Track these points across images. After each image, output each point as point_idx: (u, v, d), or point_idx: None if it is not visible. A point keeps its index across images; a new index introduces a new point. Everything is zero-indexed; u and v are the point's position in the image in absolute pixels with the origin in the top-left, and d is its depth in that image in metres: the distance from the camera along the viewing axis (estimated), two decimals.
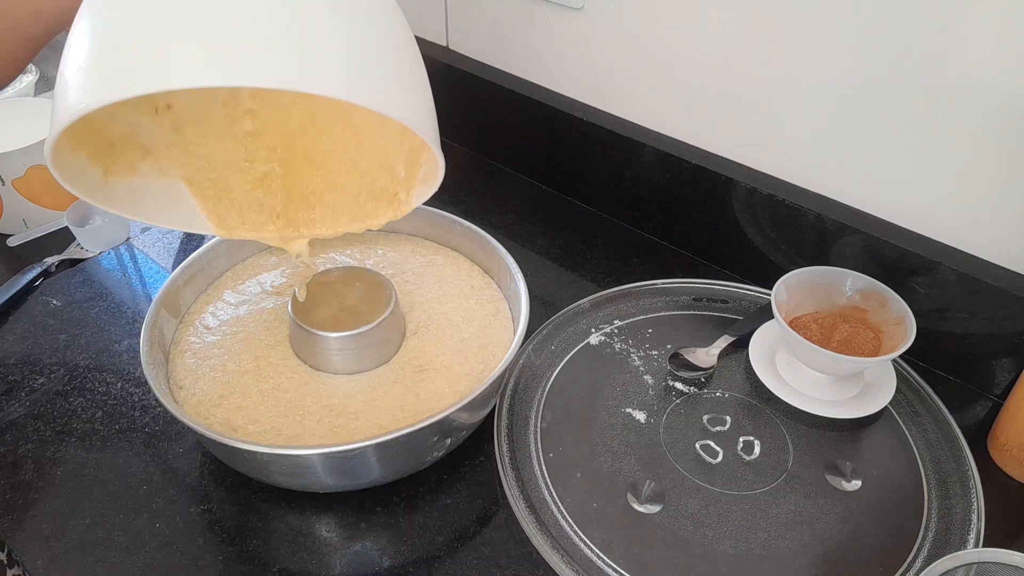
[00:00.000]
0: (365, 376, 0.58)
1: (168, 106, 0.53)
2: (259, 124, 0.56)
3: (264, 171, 0.57)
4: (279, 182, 0.58)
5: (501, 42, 0.86)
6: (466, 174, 0.91)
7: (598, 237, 0.81)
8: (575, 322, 0.67)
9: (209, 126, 0.55)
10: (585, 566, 0.49)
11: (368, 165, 0.59)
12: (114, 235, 0.79)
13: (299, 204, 0.59)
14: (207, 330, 0.61)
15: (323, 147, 0.57)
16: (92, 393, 0.63)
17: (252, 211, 0.58)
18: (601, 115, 0.80)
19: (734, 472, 0.56)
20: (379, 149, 0.58)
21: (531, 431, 0.58)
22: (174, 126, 0.54)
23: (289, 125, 0.56)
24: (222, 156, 0.56)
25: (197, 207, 0.56)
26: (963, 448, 0.57)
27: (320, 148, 0.57)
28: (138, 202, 0.54)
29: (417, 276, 0.67)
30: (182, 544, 0.52)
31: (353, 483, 0.54)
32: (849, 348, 0.60)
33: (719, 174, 0.71)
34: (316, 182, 0.58)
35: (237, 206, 0.58)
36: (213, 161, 0.56)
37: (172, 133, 0.54)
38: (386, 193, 0.61)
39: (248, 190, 0.57)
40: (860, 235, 0.64)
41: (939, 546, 0.51)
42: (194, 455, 0.58)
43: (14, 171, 0.77)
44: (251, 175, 0.57)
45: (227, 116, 0.55)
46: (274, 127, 0.56)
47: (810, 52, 0.63)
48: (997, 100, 0.55)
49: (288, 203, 0.58)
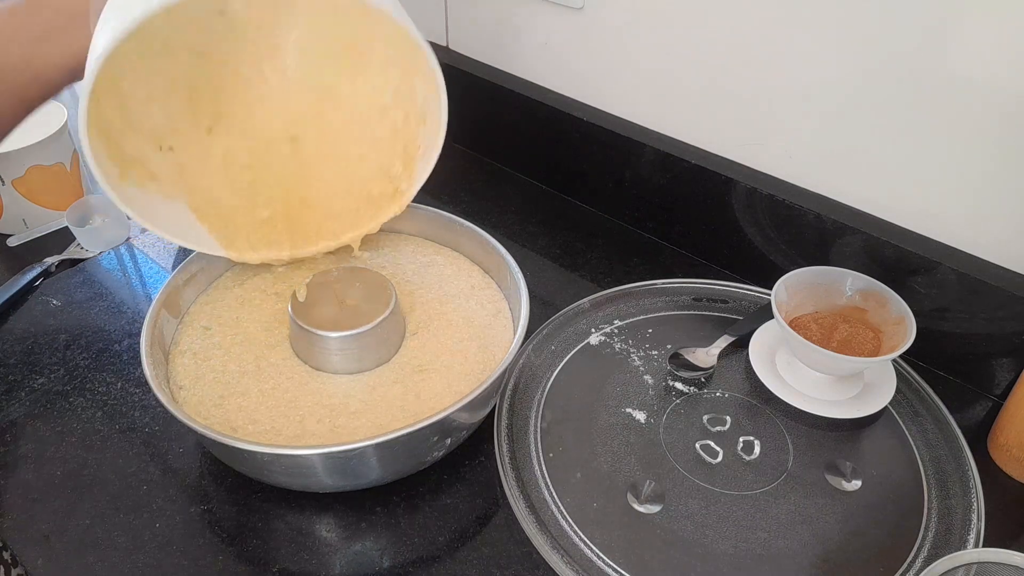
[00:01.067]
0: (365, 376, 0.58)
1: (171, 148, 0.56)
2: (253, 160, 0.58)
3: (267, 216, 0.60)
4: (283, 224, 0.61)
5: (501, 42, 0.86)
6: (466, 174, 0.91)
7: (598, 237, 0.81)
8: (575, 322, 0.67)
9: (208, 168, 0.58)
10: (585, 566, 0.49)
11: (363, 180, 0.60)
12: (114, 235, 0.79)
13: (304, 237, 0.62)
14: (207, 330, 0.61)
15: (318, 191, 0.61)
16: (92, 393, 0.63)
17: (261, 243, 0.61)
18: (601, 115, 0.80)
19: (734, 472, 0.56)
20: (372, 163, 0.60)
21: (531, 431, 0.58)
22: (177, 168, 0.55)
23: (281, 163, 0.60)
24: (226, 201, 0.59)
25: (206, 231, 0.59)
26: (963, 448, 0.57)
27: (316, 192, 0.61)
28: (150, 212, 0.55)
29: (417, 276, 0.67)
30: (182, 544, 0.52)
31: (353, 483, 0.54)
32: (849, 348, 0.60)
33: (719, 174, 0.71)
34: (317, 219, 0.62)
35: (244, 234, 0.60)
36: (217, 201, 0.59)
37: (176, 172, 0.56)
38: (385, 194, 0.62)
39: (253, 229, 0.60)
40: (860, 235, 0.64)
41: (939, 546, 0.51)
42: (194, 455, 0.58)
43: (14, 171, 0.77)
44: (255, 218, 0.60)
45: (224, 159, 0.58)
46: (265, 165, 0.59)
47: (810, 52, 0.63)
48: (997, 100, 0.55)
49: (294, 237, 0.62)
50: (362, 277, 0.61)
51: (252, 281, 0.66)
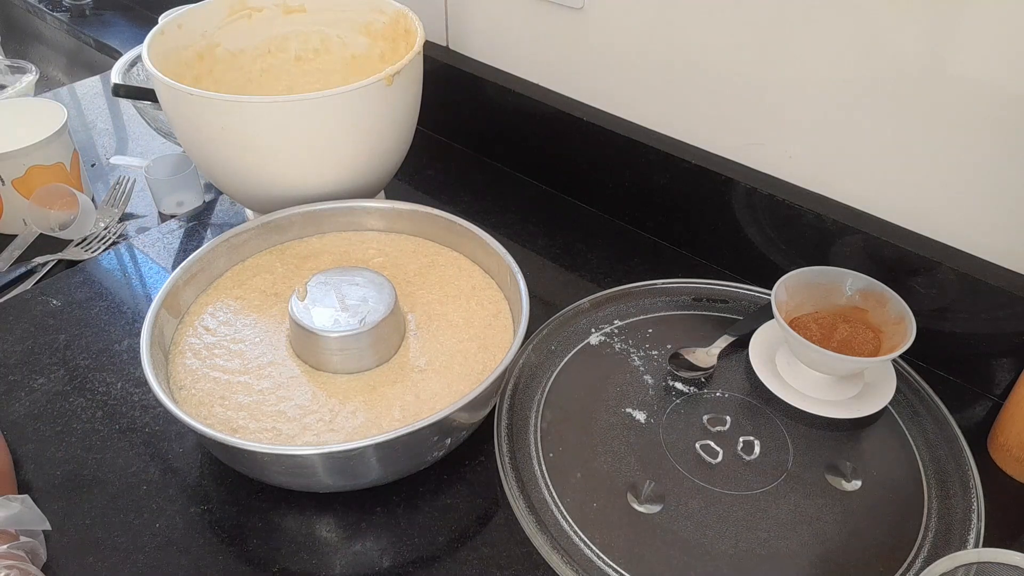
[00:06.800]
0: (365, 376, 0.58)
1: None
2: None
3: None
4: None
5: (501, 42, 0.86)
6: (466, 174, 0.91)
7: (598, 237, 0.81)
8: (575, 322, 0.67)
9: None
10: (585, 566, 0.49)
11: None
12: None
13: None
14: (207, 330, 0.61)
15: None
16: (92, 393, 0.63)
17: None
18: (601, 115, 0.80)
19: (734, 472, 0.56)
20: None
21: (531, 431, 0.58)
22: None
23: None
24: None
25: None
26: (963, 448, 0.57)
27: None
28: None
29: (417, 276, 0.67)
30: (182, 544, 0.52)
31: (353, 483, 0.54)
32: (849, 348, 0.60)
33: (719, 174, 0.71)
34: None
35: None
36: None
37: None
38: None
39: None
40: (860, 235, 0.64)
41: (939, 546, 0.51)
42: (194, 455, 0.58)
43: (14, 171, 0.77)
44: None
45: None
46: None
47: (810, 52, 0.63)
48: (997, 100, 0.55)
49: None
50: (362, 277, 0.61)
51: (252, 281, 0.66)
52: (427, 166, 0.91)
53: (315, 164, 0.68)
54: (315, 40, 0.82)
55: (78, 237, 0.81)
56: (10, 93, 1.04)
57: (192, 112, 0.65)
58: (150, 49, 0.69)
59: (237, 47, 0.80)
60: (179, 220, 0.82)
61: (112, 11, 1.40)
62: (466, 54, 0.91)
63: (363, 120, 0.67)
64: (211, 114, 0.64)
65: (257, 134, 0.64)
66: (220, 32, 0.78)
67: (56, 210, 0.81)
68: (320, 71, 0.83)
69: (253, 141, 0.65)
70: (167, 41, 0.73)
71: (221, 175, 0.70)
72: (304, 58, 0.83)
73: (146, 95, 0.82)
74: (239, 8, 0.78)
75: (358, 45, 0.81)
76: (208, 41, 0.77)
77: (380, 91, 0.65)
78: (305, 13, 0.81)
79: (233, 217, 0.82)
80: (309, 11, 0.81)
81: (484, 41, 0.88)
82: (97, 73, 1.21)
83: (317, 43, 0.82)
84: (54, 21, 1.41)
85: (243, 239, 0.67)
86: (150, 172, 0.84)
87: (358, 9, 0.79)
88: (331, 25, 0.81)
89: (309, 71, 0.83)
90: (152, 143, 1.00)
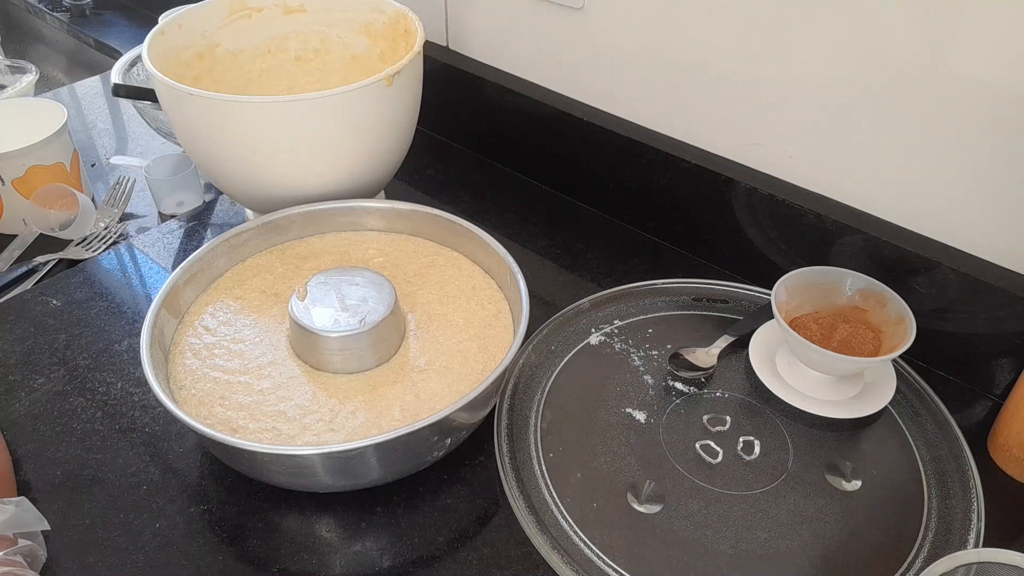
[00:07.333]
0: (365, 376, 0.58)
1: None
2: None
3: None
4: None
5: (501, 42, 0.86)
6: (466, 174, 0.91)
7: (598, 237, 0.81)
8: (575, 322, 0.67)
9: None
10: (585, 566, 0.49)
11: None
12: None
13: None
14: (207, 330, 0.61)
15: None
16: (92, 393, 0.63)
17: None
18: (601, 115, 0.80)
19: (734, 472, 0.56)
20: None
21: (531, 431, 0.58)
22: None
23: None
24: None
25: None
26: (963, 448, 0.57)
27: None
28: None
29: (417, 276, 0.67)
30: (182, 544, 0.52)
31: (353, 483, 0.54)
32: (849, 348, 0.60)
33: (719, 174, 0.71)
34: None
35: None
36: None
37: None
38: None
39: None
40: (860, 235, 0.64)
41: (939, 546, 0.51)
42: (194, 455, 0.58)
43: (14, 171, 0.77)
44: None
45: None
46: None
47: (810, 52, 0.63)
48: (997, 100, 0.55)
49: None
50: (362, 277, 0.61)
51: (252, 281, 0.66)
52: (427, 166, 0.91)
53: (315, 164, 0.68)
54: (315, 40, 0.82)
55: (78, 237, 0.81)
56: (10, 93, 1.04)
57: (192, 112, 0.65)
58: (150, 49, 0.69)
59: (237, 47, 0.80)
60: (179, 220, 0.82)
61: (112, 11, 1.40)
62: (466, 54, 0.91)
63: (363, 120, 0.67)
64: (211, 114, 0.64)
65: (257, 134, 0.64)
66: (220, 32, 0.78)
67: (56, 210, 0.81)
68: (320, 71, 0.83)
69: (253, 141, 0.65)
70: (167, 41, 0.73)
71: (221, 175, 0.70)
72: (304, 58, 0.83)
73: (146, 95, 0.82)
74: (239, 8, 0.78)
75: (358, 45, 0.81)
76: (208, 41, 0.77)
77: (380, 91, 0.65)
78: (305, 13, 0.81)
79: (233, 217, 0.82)
80: (309, 11, 0.81)
81: (484, 41, 0.88)
82: (97, 73, 1.21)
83: (317, 43, 0.82)
84: (54, 21, 1.41)
85: (243, 239, 0.67)
86: (150, 172, 0.84)
87: (358, 9, 0.79)
88: (331, 25, 0.81)
89: (309, 71, 0.83)
90: (152, 143, 1.00)
